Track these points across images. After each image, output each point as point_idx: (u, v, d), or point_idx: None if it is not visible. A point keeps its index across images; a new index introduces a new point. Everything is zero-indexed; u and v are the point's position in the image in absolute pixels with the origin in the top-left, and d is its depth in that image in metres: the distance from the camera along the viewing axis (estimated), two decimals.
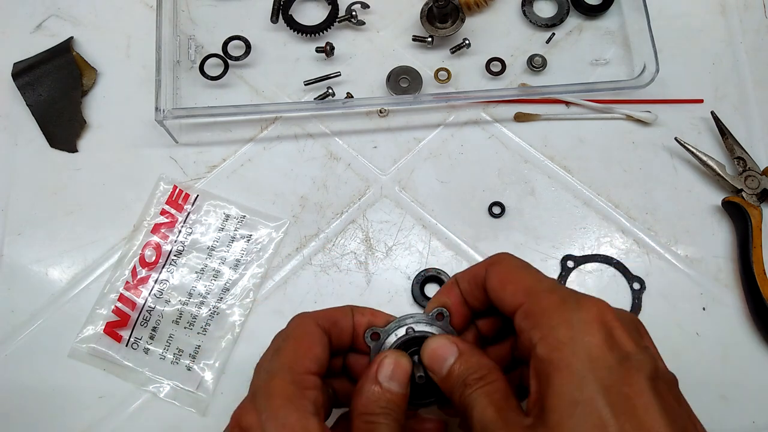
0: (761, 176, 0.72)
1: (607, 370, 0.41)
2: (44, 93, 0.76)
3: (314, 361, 0.48)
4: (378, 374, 0.48)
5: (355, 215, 0.73)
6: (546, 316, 0.44)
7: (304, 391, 0.45)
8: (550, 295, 0.45)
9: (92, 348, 0.67)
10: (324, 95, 0.75)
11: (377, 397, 0.47)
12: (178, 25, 0.78)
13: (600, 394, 0.40)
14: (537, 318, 0.44)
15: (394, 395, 0.47)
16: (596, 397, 0.40)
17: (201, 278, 0.70)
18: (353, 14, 0.78)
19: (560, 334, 0.43)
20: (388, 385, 0.47)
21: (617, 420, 0.39)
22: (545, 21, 0.80)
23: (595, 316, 0.43)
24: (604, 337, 0.42)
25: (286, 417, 0.43)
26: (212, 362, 0.67)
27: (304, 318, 0.51)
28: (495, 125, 0.76)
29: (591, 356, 0.41)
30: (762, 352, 0.68)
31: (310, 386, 0.46)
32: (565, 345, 0.42)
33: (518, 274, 0.49)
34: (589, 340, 0.42)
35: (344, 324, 0.52)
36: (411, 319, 0.52)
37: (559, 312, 0.44)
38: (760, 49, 0.80)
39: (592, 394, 0.40)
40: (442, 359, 0.49)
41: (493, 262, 0.50)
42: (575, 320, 0.43)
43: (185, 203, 0.72)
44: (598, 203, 0.74)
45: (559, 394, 0.41)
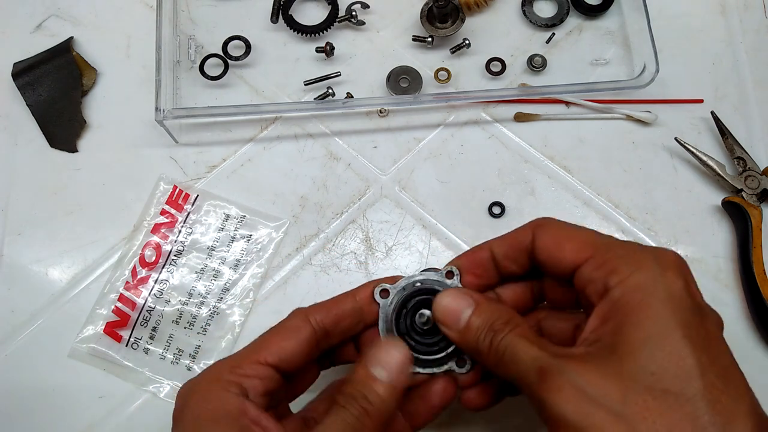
0: (761, 176, 0.72)
1: (686, 309, 0.42)
2: (44, 93, 0.76)
3: (274, 355, 0.48)
4: (367, 358, 0.47)
5: (355, 215, 0.73)
6: (623, 261, 0.44)
7: (240, 377, 0.46)
8: (622, 244, 0.46)
9: (92, 348, 0.67)
10: (324, 95, 0.75)
11: (357, 380, 0.46)
12: (178, 25, 0.78)
13: (679, 329, 0.41)
14: (613, 264, 0.44)
15: (377, 384, 0.45)
16: (675, 330, 0.41)
17: (201, 278, 0.70)
18: (353, 14, 0.78)
19: (641, 277, 0.43)
20: (373, 370, 0.46)
21: (694, 351, 0.40)
22: (545, 21, 0.80)
23: (674, 262, 0.44)
24: (683, 283, 0.43)
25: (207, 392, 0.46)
26: (212, 362, 0.67)
27: (295, 313, 0.51)
28: (495, 125, 0.76)
29: (671, 296, 0.42)
30: (762, 352, 0.68)
31: (252, 375, 0.47)
32: (644, 286, 0.43)
33: (575, 231, 0.49)
34: (669, 282, 0.43)
35: (341, 309, 0.51)
36: (420, 275, 0.53)
37: (636, 257, 0.44)
38: (760, 49, 0.80)
39: (671, 328, 0.41)
40: (457, 312, 0.48)
41: (539, 224, 0.50)
42: (654, 265, 0.43)
43: (185, 203, 0.72)
44: (598, 203, 0.74)
45: (636, 328, 0.41)
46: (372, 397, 0.45)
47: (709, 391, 0.39)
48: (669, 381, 0.39)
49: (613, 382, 0.40)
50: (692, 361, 0.40)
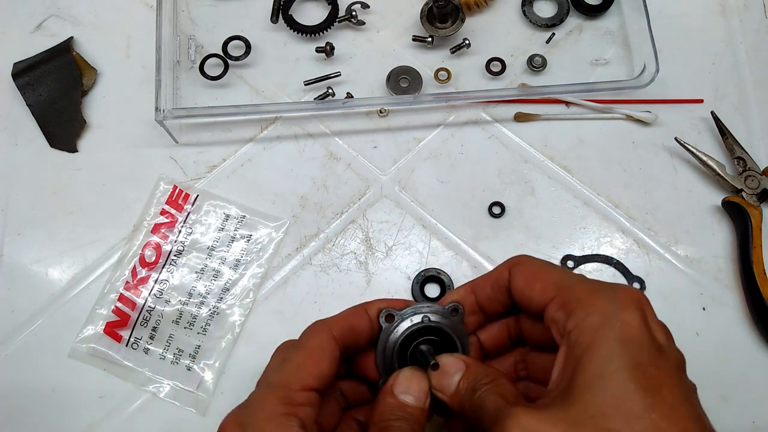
0: (761, 176, 0.72)
1: (637, 349, 0.41)
2: (44, 93, 0.76)
3: (317, 378, 0.47)
4: (394, 388, 0.49)
5: (355, 215, 0.73)
6: (581, 304, 0.44)
7: (295, 408, 0.45)
8: (583, 286, 0.46)
9: (92, 348, 0.67)
10: (324, 95, 0.75)
11: (392, 408, 0.48)
12: (178, 25, 0.78)
13: (626, 370, 0.40)
14: (571, 307, 0.45)
15: (409, 407, 0.48)
16: (622, 371, 0.40)
17: (201, 278, 0.70)
18: (353, 14, 0.78)
19: (594, 319, 0.43)
20: (403, 398, 0.49)
21: (639, 393, 0.40)
22: (545, 21, 0.80)
23: (631, 300, 0.44)
24: (639, 320, 0.43)
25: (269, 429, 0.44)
26: (212, 362, 0.67)
27: (319, 329, 0.50)
28: (495, 125, 0.76)
29: (623, 335, 0.42)
30: (762, 352, 0.68)
31: (304, 403, 0.46)
32: (596, 328, 0.43)
33: (545, 270, 0.50)
34: (623, 320, 0.43)
35: (361, 327, 0.52)
36: (427, 308, 0.53)
37: (593, 299, 0.45)
38: (760, 49, 0.80)
39: (618, 369, 0.40)
40: (449, 376, 0.49)
41: (515, 263, 0.51)
42: (610, 306, 0.44)
43: (185, 203, 0.72)
44: (598, 203, 0.74)
45: (585, 371, 0.41)
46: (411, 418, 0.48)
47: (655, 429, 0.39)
48: (611, 422, 0.39)
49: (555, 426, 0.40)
50: (636, 403, 0.39)
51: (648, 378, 0.40)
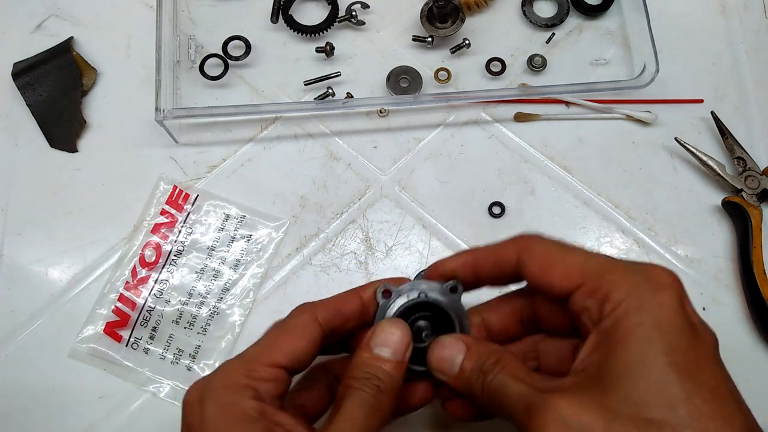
0: (761, 176, 0.72)
1: (674, 333, 0.41)
2: (44, 93, 0.76)
3: (286, 356, 0.47)
4: (370, 341, 0.48)
5: (355, 215, 0.73)
6: (615, 287, 0.43)
7: (255, 381, 0.46)
8: (613, 267, 0.45)
9: (92, 348, 0.67)
10: (324, 95, 0.75)
11: (364, 363, 0.47)
12: (178, 25, 0.78)
13: (664, 356, 0.40)
14: (604, 291, 0.43)
15: (384, 363, 0.47)
16: (659, 357, 0.40)
17: (201, 278, 0.70)
18: (353, 14, 0.78)
19: (630, 303, 0.42)
20: (378, 351, 0.48)
21: (679, 378, 0.39)
22: (545, 21, 0.80)
23: (666, 281, 0.43)
24: (674, 302, 0.42)
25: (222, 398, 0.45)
26: (212, 362, 0.67)
27: (302, 310, 0.51)
28: (495, 125, 0.76)
29: (658, 320, 0.41)
30: (762, 352, 0.68)
31: (267, 378, 0.46)
32: (633, 313, 0.42)
33: (562, 254, 0.47)
34: (658, 304, 0.42)
35: (349, 310, 0.51)
36: (425, 285, 0.52)
37: (626, 283, 0.43)
38: (760, 49, 0.80)
39: (656, 355, 0.40)
40: (449, 360, 0.49)
41: (525, 247, 0.49)
42: (645, 289, 0.43)
43: (185, 203, 0.72)
44: (598, 203, 0.74)
45: (622, 358, 0.41)
46: (382, 375, 0.47)
47: (695, 418, 0.38)
48: (653, 410, 0.39)
49: (596, 413, 0.40)
50: (677, 389, 0.39)
51: (688, 362, 0.40)
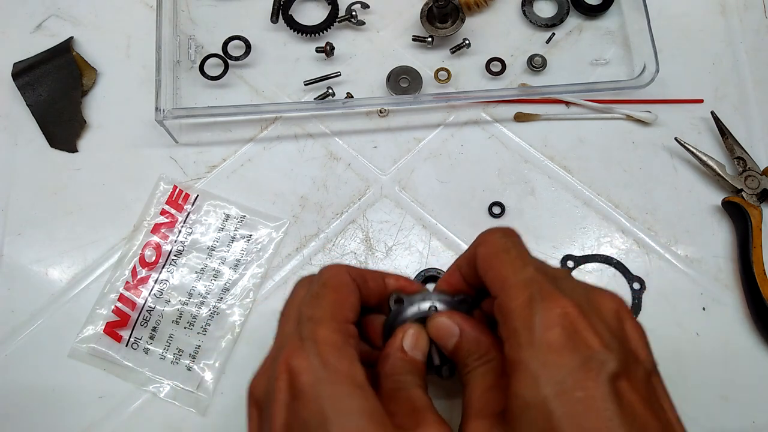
0: (761, 176, 0.72)
1: (563, 373, 0.40)
2: (44, 93, 0.76)
3: (352, 311, 0.49)
4: (404, 342, 0.51)
5: (355, 215, 0.73)
6: (512, 316, 0.44)
7: (348, 338, 0.46)
8: (520, 293, 0.44)
9: (92, 348, 0.67)
10: (324, 95, 0.75)
11: (403, 362, 0.50)
12: (178, 25, 0.78)
13: (553, 398, 0.39)
14: (505, 316, 0.44)
15: (417, 362, 0.51)
16: (548, 400, 0.39)
17: (201, 278, 0.70)
18: (353, 14, 0.78)
19: (522, 337, 0.42)
20: (412, 353, 0.51)
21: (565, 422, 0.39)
22: (545, 21, 0.80)
23: (557, 316, 0.42)
24: (565, 339, 0.41)
25: (336, 364, 0.43)
26: (212, 362, 0.67)
27: (339, 268, 0.51)
28: (495, 125, 0.76)
29: (547, 361, 0.41)
30: (762, 352, 0.68)
31: (352, 334, 0.47)
32: (524, 347, 0.42)
33: (498, 259, 0.48)
34: (547, 342, 0.41)
35: (374, 285, 0.53)
36: (436, 296, 0.54)
37: (524, 313, 0.43)
38: (760, 49, 0.80)
39: (545, 398, 0.39)
40: (446, 337, 0.52)
41: (480, 242, 0.51)
42: (537, 322, 0.42)
43: (185, 203, 0.72)
44: (598, 203, 0.74)
45: (515, 394, 0.41)
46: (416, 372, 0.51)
47: None
48: None
49: None
50: None
51: (574, 404, 0.39)
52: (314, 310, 0.47)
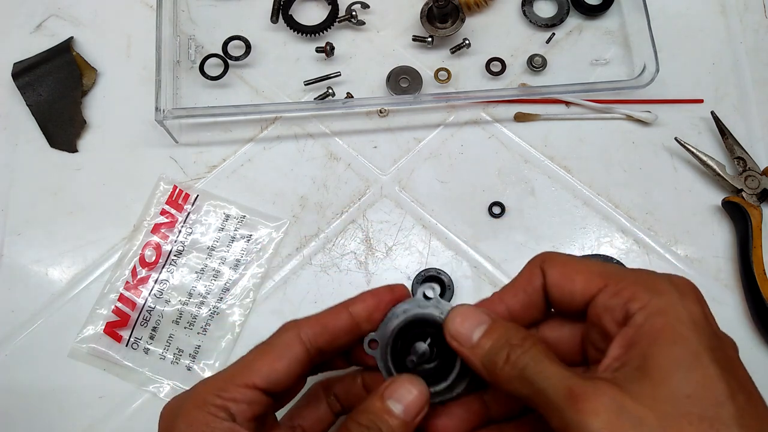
0: (761, 176, 0.72)
1: (708, 336, 0.41)
2: (44, 93, 0.76)
3: (263, 378, 0.46)
4: (386, 391, 0.46)
5: (355, 215, 0.73)
6: (641, 288, 0.43)
7: (228, 402, 0.45)
8: (635, 272, 0.45)
9: (92, 348, 0.67)
10: (324, 95, 0.75)
11: (372, 411, 0.46)
12: (178, 25, 0.78)
13: (706, 353, 0.40)
14: (630, 291, 0.43)
15: (392, 418, 0.45)
16: (703, 354, 0.40)
17: (201, 278, 0.70)
18: (353, 14, 0.78)
19: (662, 302, 0.42)
20: (390, 404, 0.46)
21: (723, 376, 0.39)
22: (545, 21, 0.80)
23: (690, 289, 0.44)
24: (701, 309, 0.43)
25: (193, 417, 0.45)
26: (212, 362, 0.67)
27: (286, 328, 0.49)
28: (495, 125, 0.76)
29: (694, 321, 0.41)
30: (762, 352, 0.68)
31: (240, 399, 0.45)
32: (667, 311, 0.42)
33: (582, 263, 0.47)
34: (689, 307, 0.42)
35: (337, 325, 0.49)
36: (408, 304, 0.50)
37: (653, 284, 0.43)
38: (760, 49, 0.80)
39: (700, 352, 0.40)
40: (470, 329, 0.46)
41: (545, 259, 0.47)
42: (673, 291, 0.43)
43: (185, 203, 0.72)
44: (598, 203, 0.74)
45: (666, 352, 0.40)
46: (386, 429, 0.45)
47: (740, 416, 0.38)
48: (703, 406, 0.38)
49: (648, 406, 0.39)
50: (722, 386, 0.39)
51: (725, 363, 0.40)
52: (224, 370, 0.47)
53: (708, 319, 0.43)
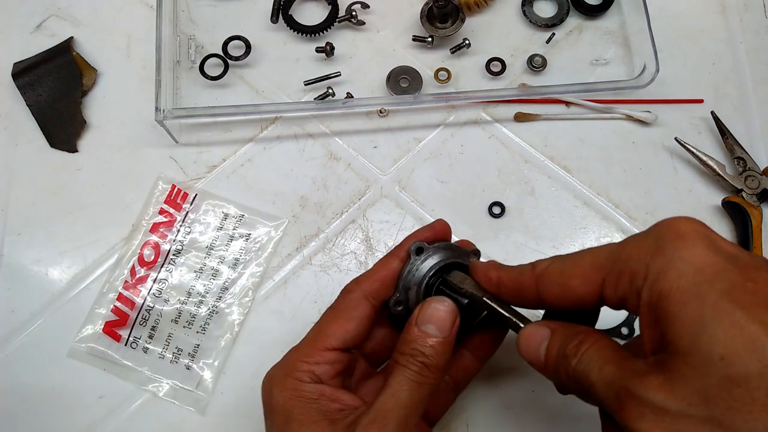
0: (761, 176, 0.72)
1: (720, 272, 0.37)
2: (44, 93, 0.76)
3: (338, 339, 0.51)
4: (417, 317, 0.50)
5: (355, 215, 0.73)
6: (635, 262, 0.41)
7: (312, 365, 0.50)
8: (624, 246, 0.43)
9: (91, 347, 0.67)
10: (324, 95, 0.75)
11: (411, 339, 0.49)
12: (178, 25, 0.79)
13: (724, 298, 0.36)
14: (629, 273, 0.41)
15: (430, 338, 0.49)
16: (720, 302, 0.36)
17: (200, 277, 0.70)
18: (353, 14, 0.78)
19: (657, 264, 0.39)
20: (425, 328, 0.49)
21: (752, 314, 0.35)
22: (545, 21, 0.80)
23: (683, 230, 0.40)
24: (704, 244, 0.39)
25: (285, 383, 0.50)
26: (211, 361, 0.67)
27: (349, 289, 0.54)
28: (495, 125, 0.76)
29: (698, 268, 0.38)
30: None
31: (323, 362, 0.50)
32: (666, 271, 0.39)
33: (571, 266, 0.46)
34: (686, 253, 0.39)
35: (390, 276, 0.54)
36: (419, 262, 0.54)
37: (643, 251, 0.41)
38: (760, 49, 0.80)
39: (715, 301, 0.36)
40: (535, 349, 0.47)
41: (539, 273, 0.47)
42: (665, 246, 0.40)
43: (184, 202, 0.72)
44: (598, 203, 0.74)
45: (680, 318, 0.37)
46: (428, 351, 0.48)
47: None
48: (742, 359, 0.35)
49: (688, 386, 0.36)
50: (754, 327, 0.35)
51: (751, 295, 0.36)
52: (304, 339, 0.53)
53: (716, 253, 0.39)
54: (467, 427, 0.65)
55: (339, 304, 0.53)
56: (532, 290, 0.48)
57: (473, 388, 0.65)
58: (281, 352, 0.51)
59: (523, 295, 0.49)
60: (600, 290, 0.44)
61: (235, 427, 0.66)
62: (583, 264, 0.45)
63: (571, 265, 0.46)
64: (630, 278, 0.41)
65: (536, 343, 0.47)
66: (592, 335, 0.44)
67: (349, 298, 0.53)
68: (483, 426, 0.65)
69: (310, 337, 0.52)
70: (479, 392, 0.66)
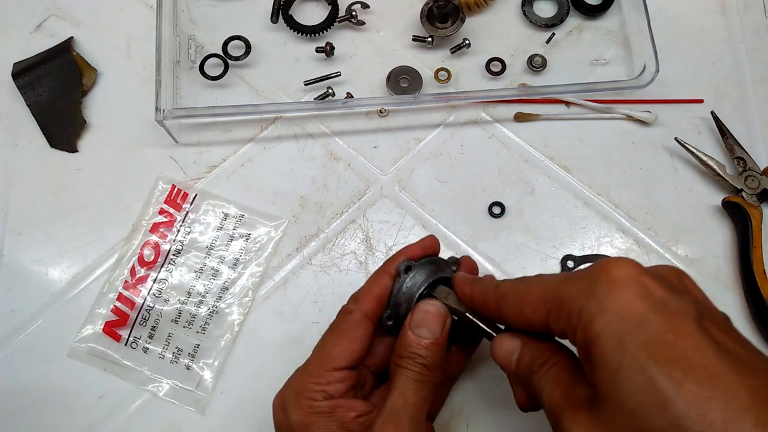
0: (761, 176, 0.72)
1: (643, 324, 0.38)
2: (44, 93, 0.76)
3: (346, 360, 0.54)
4: (410, 322, 0.53)
5: (355, 215, 0.73)
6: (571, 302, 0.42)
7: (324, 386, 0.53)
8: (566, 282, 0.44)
9: (91, 347, 0.67)
10: (324, 95, 0.75)
11: (407, 343, 0.52)
12: (178, 25, 0.79)
13: (641, 350, 0.37)
14: (566, 311, 0.43)
15: (423, 340, 0.52)
16: (638, 354, 0.37)
17: (200, 277, 0.70)
18: (353, 14, 0.78)
19: (590, 310, 0.41)
20: (418, 332, 0.52)
21: (664, 370, 0.36)
22: (545, 21, 0.80)
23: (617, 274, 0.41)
24: (632, 292, 0.40)
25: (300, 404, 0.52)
26: (211, 361, 0.67)
27: (350, 310, 0.56)
28: (495, 125, 0.76)
29: (623, 317, 0.39)
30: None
31: (333, 381, 0.53)
32: (595, 319, 0.40)
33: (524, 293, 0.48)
34: (615, 301, 0.40)
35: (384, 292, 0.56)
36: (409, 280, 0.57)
37: (579, 292, 0.42)
38: (760, 49, 0.80)
39: (633, 353, 0.37)
40: (508, 356, 0.50)
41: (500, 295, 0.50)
42: (598, 291, 0.41)
43: (184, 202, 0.72)
44: (598, 203, 0.74)
45: (601, 365, 0.39)
46: (423, 353, 0.52)
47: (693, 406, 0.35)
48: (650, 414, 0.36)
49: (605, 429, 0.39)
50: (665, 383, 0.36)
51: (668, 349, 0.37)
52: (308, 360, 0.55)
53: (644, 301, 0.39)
54: (467, 427, 0.65)
55: (341, 325, 0.56)
56: (495, 309, 0.51)
57: (473, 387, 0.66)
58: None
59: (488, 312, 0.52)
60: (546, 321, 0.46)
61: (235, 427, 0.66)
62: (534, 294, 0.47)
63: (524, 293, 0.48)
64: (567, 317, 0.43)
65: (507, 352, 0.50)
66: (557, 355, 0.47)
67: (350, 319, 0.55)
68: (483, 426, 0.65)
69: (316, 359, 0.55)
70: (479, 392, 0.66)
